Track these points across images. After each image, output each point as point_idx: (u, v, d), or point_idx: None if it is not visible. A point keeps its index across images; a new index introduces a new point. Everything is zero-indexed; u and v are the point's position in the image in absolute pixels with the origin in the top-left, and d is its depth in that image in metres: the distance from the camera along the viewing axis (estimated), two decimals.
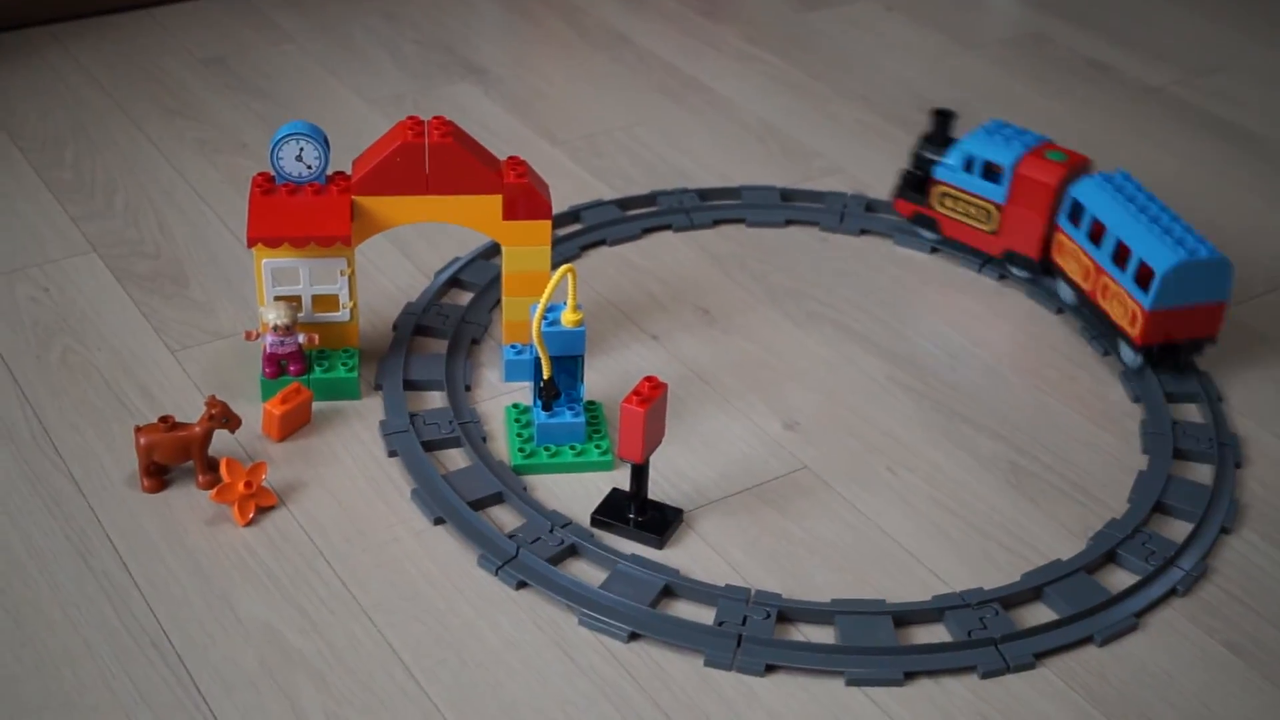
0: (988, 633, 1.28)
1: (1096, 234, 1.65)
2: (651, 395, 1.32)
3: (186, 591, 1.30)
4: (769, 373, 1.61)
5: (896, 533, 1.40)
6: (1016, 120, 2.18)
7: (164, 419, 1.39)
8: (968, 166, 1.76)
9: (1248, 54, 2.47)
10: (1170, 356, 1.61)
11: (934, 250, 1.85)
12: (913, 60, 2.39)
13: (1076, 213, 1.68)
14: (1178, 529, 1.43)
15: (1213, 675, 1.27)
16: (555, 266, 1.55)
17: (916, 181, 1.83)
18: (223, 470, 1.36)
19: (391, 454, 1.46)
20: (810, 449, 1.51)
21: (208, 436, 1.39)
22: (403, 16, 2.43)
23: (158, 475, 1.40)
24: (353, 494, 1.41)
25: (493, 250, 1.76)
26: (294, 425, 1.48)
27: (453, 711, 1.20)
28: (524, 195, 1.50)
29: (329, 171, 1.50)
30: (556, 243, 1.78)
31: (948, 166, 1.78)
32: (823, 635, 1.29)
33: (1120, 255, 1.62)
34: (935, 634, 1.30)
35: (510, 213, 1.50)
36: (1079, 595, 1.33)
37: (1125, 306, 1.60)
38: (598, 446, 1.46)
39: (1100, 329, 1.69)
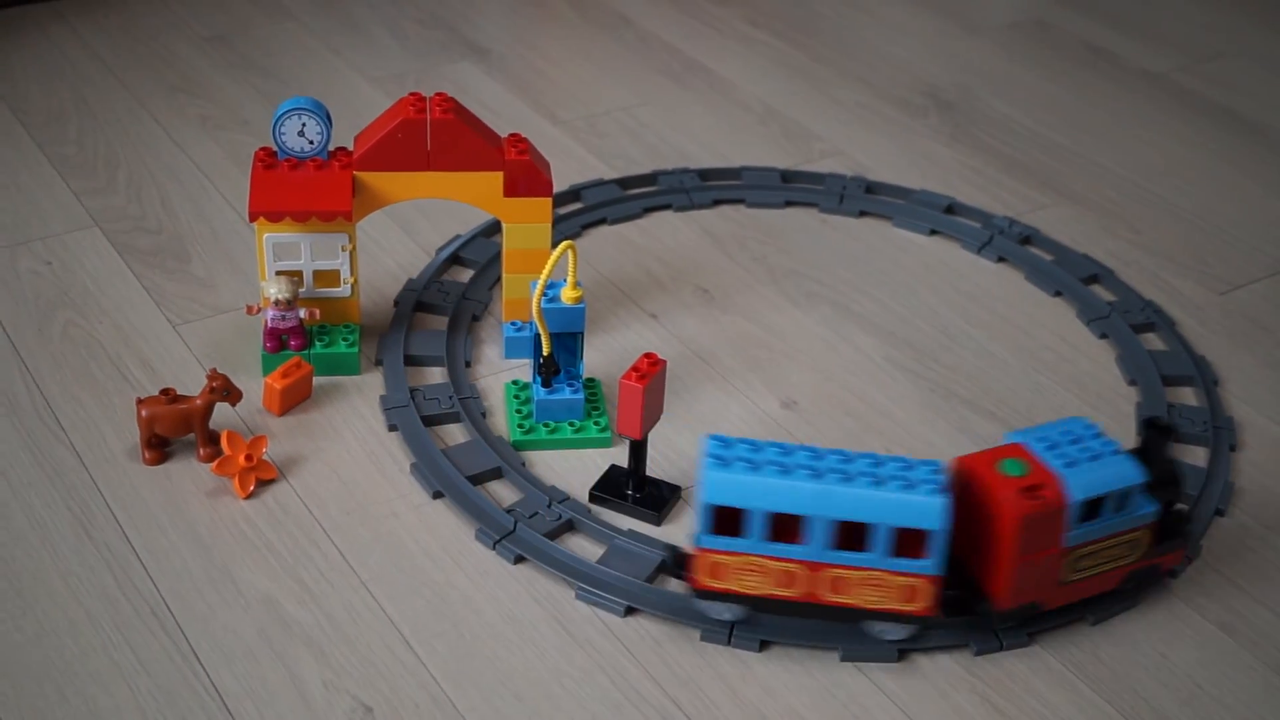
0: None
1: None
2: (650, 372, 1.32)
3: (187, 562, 1.30)
4: (767, 352, 1.62)
5: None
6: (1016, 105, 2.19)
7: (165, 391, 1.40)
8: None
9: (1249, 40, 2.47)
10: None
11: (933, 232, 1.85)
12: (914, 44, 2.39)
13: None
14: None
15: (1205, 655, 1.28)
16: (555, 245, 1.56)
17: None
18: (224, 443, 1.37)
19: (391, 428, 1.47)
20: (807, 428, 1.51)
21: (209, 409, 1.40)
22: None
23: (159, 447, 1.41)
24: (352, 468, 1.42)
25: (494, 228, 1.77)
26: (295, 399, 1.49)
27: (450, 683, 1.21)
28: (525, 172, 1.50)
29: (331, 147, 1.51)
30: (557, 221, 1.79)
31: None
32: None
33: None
34: None
35: (511, 189, 1.51)
36: None
37: None
38: (596, 423, 1.47)
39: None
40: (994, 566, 1.23)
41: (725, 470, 1.19)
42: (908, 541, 1.19)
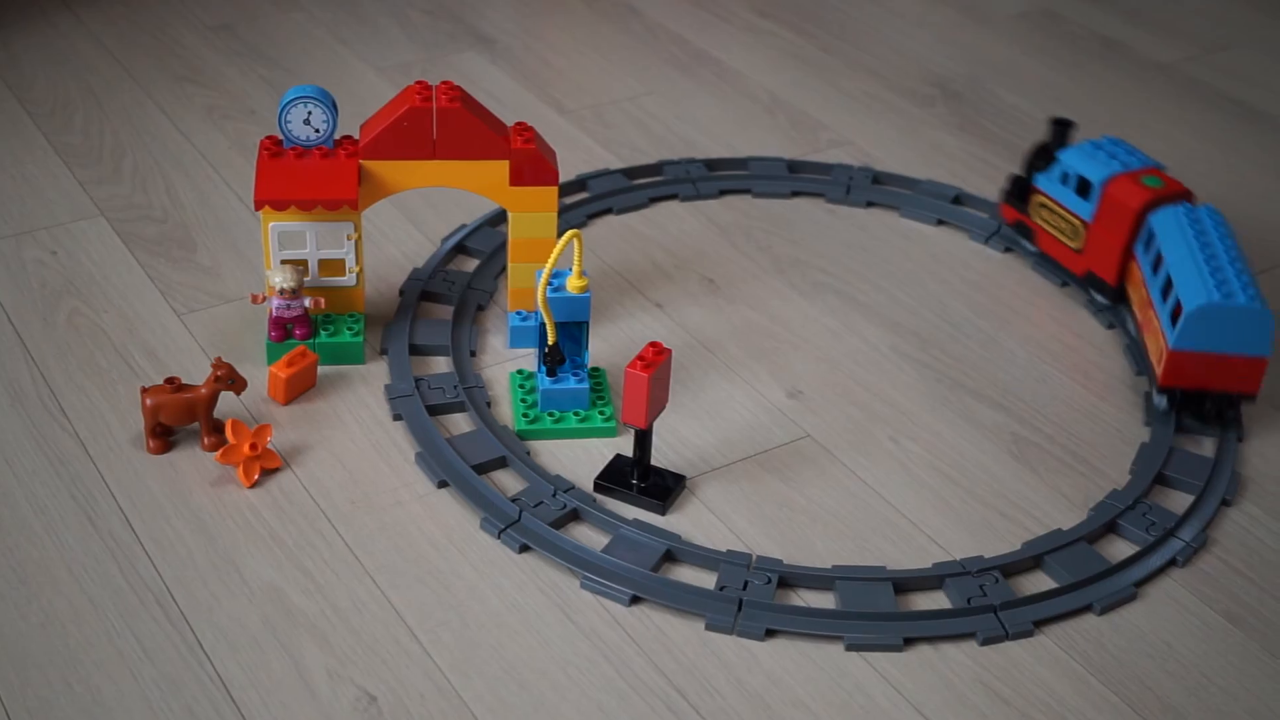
0: (987, 600, 1.29)
1: (1156, 265, 1.56)
2: (656, 361, 1.32)
3: (191, 551, 1.30)
4: (773, 342, 1.62)
5: (898, 501, 1.41)
6: (1024, 95, 2.19)
7: (170, 380, 1.40)
8: (1064, 179, 1.69)
9: (1259, 30, 2.46)
10: (1197, 406, 1.51)
11: (940, 223, 1.85)
12: (923, 34, 2.39)
13: (1149, 241, 1.59)
14: (1179, 500, 1.43)
15: (1211, 645, 1.28)
16: (561, 234, 1.56)
17: (1021, 188, 1.76)
18: (228, 432, 1.37)
19: (396, 418, 1.47)
20: (813, 417, 1.51)
21: (214, 398, 1.40)
22: None
23: (163, 436, 1.41)
24: (357, 457, 1.42)
25: (499, 217, 1.76)
26: (299, 388, 1.49)
27: (455, 673, 1.21)
28: (531, 161, 1.50)
29: (337, 136, 1.51)
30: (563, 211, 1.79)
31: (1047, 176, 1.72)
32: (823, 601, 1.30)
33: (1165, 290, 1.52)
34: (935, 601, 1.31)
35: (517, 178, 1.51)
36: (1079, 564, 1.33)
37: (1158, 343, 1.52)
38: (601, 413, 1.47)
39: (1144, 366, 1.60)
40: None
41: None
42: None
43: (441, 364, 1.55)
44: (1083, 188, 1.67)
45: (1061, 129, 1.73)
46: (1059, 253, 1.73)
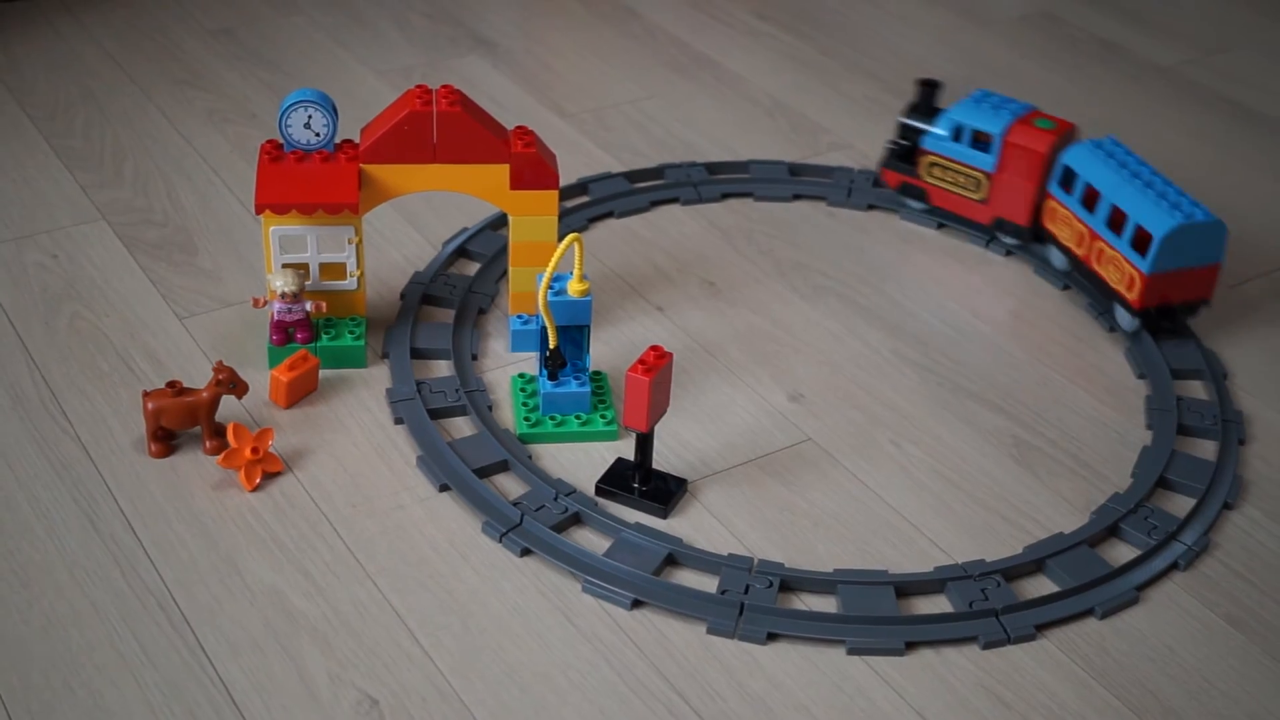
0: (989, 604, 1.29)
1: (1090, 200, 1.66)
2: (657, 364, 1.32)
3: (193, 555, 1.30)
4: (774, 345, 1.62)
5: (899, 504, 1.41)
6: (1024, 98, 2.18)
7: (172, 384, 1.40)
8: (956, 136, 1.77)
9: (1258, 33, 2.47)
10: (1166, 319, 1.63)
11: (940, 226, 1.85)
12: (923, 37, 2.39)
13: (1068, 179, 1.69)
14: (1180, 504, 1.43)
15: (1213, 649, 1.28)
16: (562, 237, 1.56)
17: (904, 152, 1.84)
18: (230, 436, 1.37)
19: (397, 421, 1.47)
20: (814, 421, 1.51)
21: (215, 402, 1.40)
22: None
23: (165, 440, 1.41)
24: (359, 461, 1.42)
25: (500, 221, 1.77)
26: (301, 392, 1.49)
27: (456, 676, 1.21)
28: (531, 165, 1.50)
29: (337, 140, 1.51)
30: (564, 215, 1.79)
31: (936, 136, 1.79)
32: (825, 605, 1.30)
33: (1115, 221, 1.63)
34: (937, 605, 1.31)
35: (517, 182, 1.51)
36: (1081, 568, 1.34)
37: (1123, 271, 1.61)
38: (603, 416, 1.47)
39: (1095, 293, 1.70)
40: None
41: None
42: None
43: (443, 368, 1.55)
44: (980, 141, 1.76)
45: (929, 90, 1.82)
46: (959, 206, 1.81)
